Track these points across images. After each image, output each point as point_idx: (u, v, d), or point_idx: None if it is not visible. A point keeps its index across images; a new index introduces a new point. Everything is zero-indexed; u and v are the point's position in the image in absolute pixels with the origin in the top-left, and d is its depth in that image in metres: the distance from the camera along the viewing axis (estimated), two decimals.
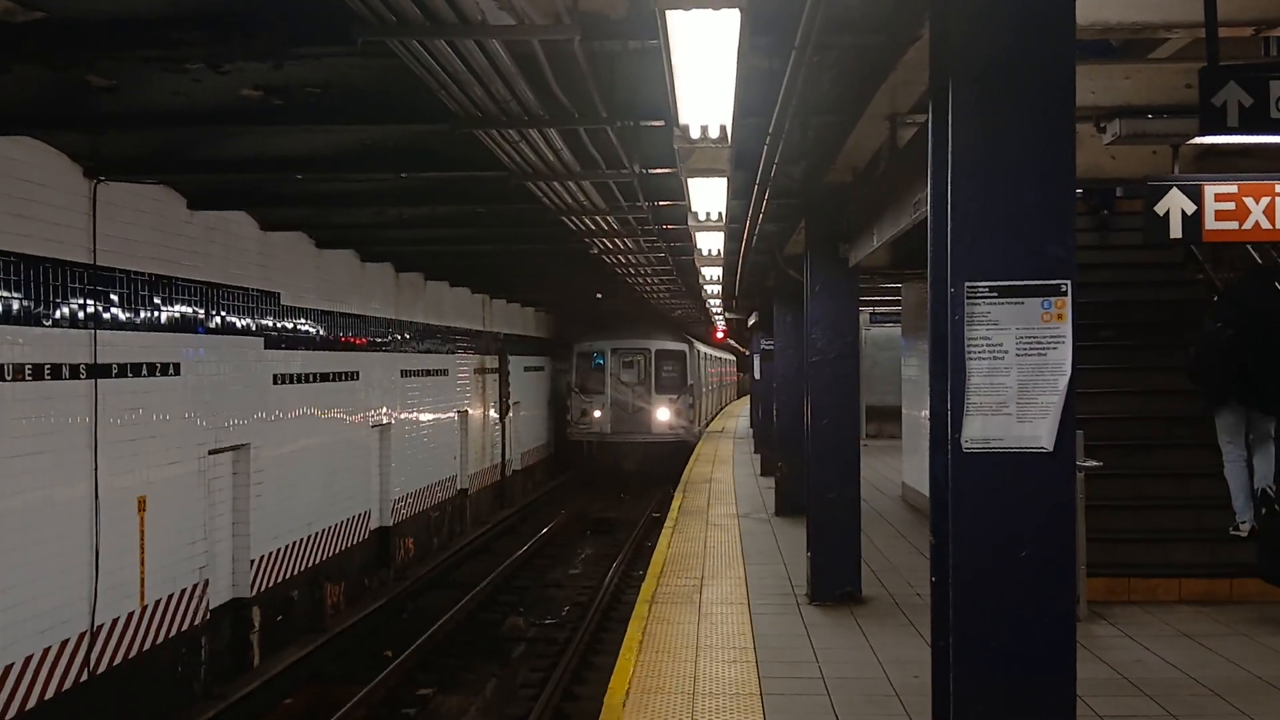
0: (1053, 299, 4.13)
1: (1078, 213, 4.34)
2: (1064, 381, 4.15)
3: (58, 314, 9.30)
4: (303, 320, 14.48)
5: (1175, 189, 7.12)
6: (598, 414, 30.86)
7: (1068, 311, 4.14)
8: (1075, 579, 5.97)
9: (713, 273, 17.11)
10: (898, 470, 18.82)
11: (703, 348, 37.74)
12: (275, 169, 10.27)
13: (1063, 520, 4.21)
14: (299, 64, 7.19)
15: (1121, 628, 8.87)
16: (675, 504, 17.27)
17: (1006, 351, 4.14)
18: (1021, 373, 4.15)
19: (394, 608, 16.22)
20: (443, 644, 14.16)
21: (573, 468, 33.17)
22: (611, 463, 31.14)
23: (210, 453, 11.99)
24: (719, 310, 27.45)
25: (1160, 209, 7.22)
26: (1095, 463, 8.83)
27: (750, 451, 26.96)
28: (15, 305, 8.77)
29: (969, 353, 4.17)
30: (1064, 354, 4.15)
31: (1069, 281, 4.15)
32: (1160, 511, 10.33)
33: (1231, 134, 5.85)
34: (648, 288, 22.75)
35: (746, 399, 62.85)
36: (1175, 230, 7.29)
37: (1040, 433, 4.15)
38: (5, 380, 8.60)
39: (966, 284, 4.16)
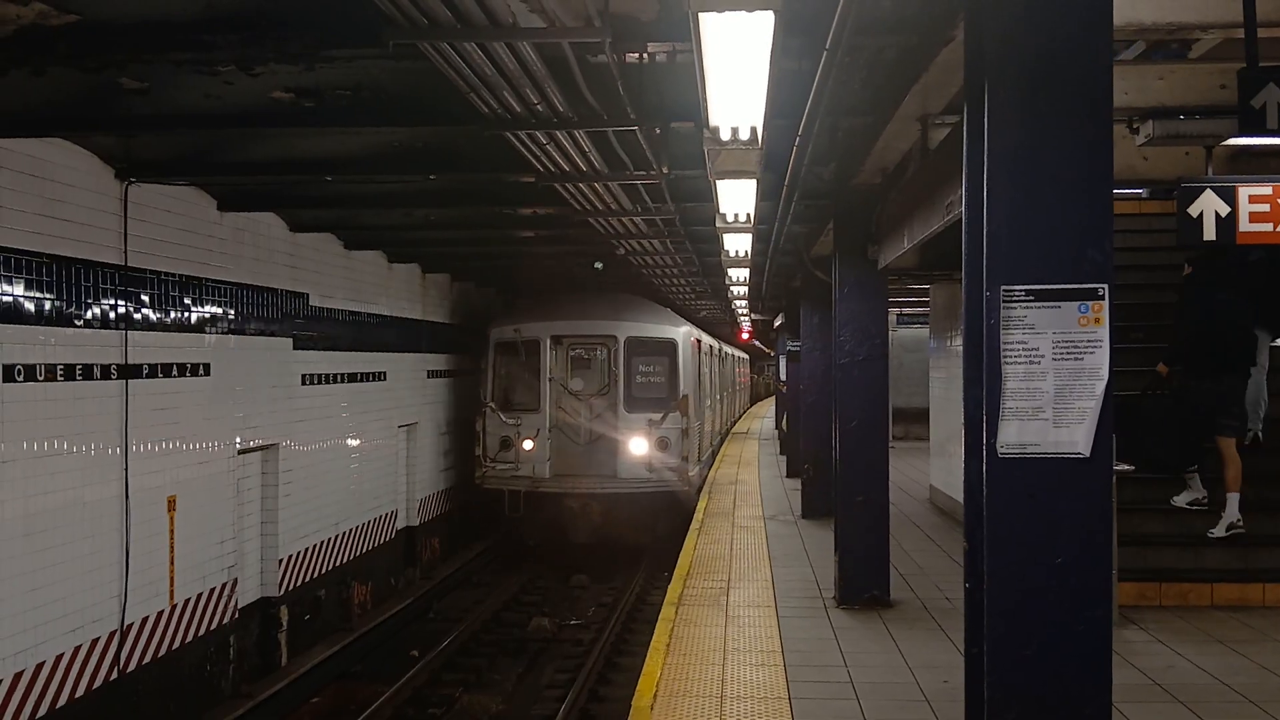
0: (1090, 303, 4.09)
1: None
2: (1101, 386, 4.11)
3: (89, 314, 9.36)
4: (330, 321, 14.52)
5: (1209, 190, 7.05)
6: (528, 446, 18.10)
7: (1105, 315, 4.10)
8: (1112, 587, 5.93)
9: (739, 274, 17.08)
10: (925, 472, 18.73)
11: (707, 339, 24.13)
12: (305, 171, 10.31)
13: (1099, 527, 4.16)
14: (330, 66, 7.21)
15: (1153, 633, 8.79)
16: (701, 505, 17.24)
17: (1043, 356, 4.10)
18: (1058, 377, 4.11)
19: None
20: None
21: (489, 535, 20.18)
22: (551, 529, 18.37)
23: (239, 452, 12.05)
24: (745, 311, 27.34)
25: (1194, 211, 7.15)
26: (1128, 466, 8.75)
27: (775, 453, 26.89)
28: (48, 306, 8.83)
29: (1005, 357, 4.13)
30: (1101, 358, 4.11)
31: (1107, 285, 4.11)
32: (1192, 515, 10.21)
33: (1271, 135, 5.79)
34: (674, 288, 22.72)
35: (760, 405, 62.03)
36: (1209, 232, 7.22)
37: (1077, 438, 4.10)
38: (38, 380, 8.66)
39: (1003, 287, 4.12)
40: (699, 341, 21.36)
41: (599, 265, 18.81)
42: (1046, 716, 4.18)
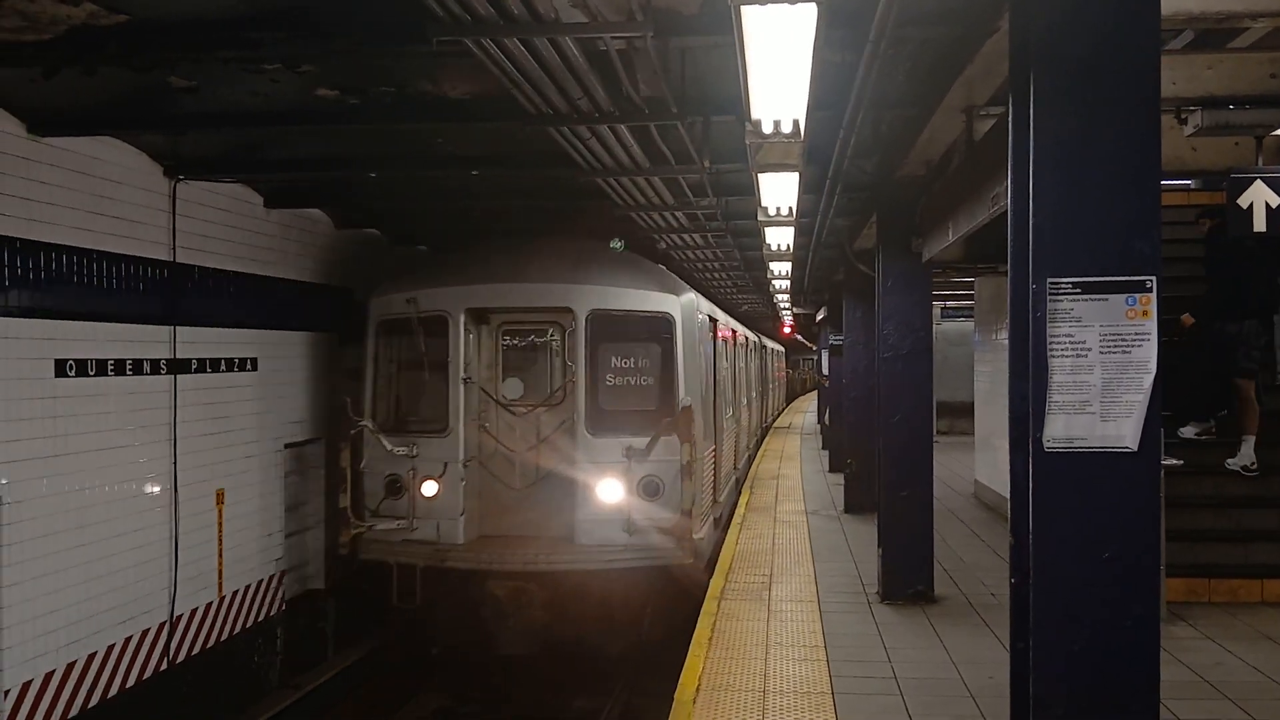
0: (1138, 295, 4.05)
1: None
2: (1149, 380, 4.07)
3: (139, 310, 9.50)
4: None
5: (1259, 181, 6.97)
6: (430, 491, 11.22)
7: (1153, 308, 4.06)
8: (1160, 583, 5.87)
9: (781, 268, 17.01)
10: (970, 467, 18.58)
11: (722, 317, 16.50)
12: (350, 167, 10.40)
13: (1147, 522, 4.12)
14: (375, 63, 7.27)
15: (1201, 629, 8.68)
16: (743, 500, 17.20)
17: (1090, 349, 4.06)
18: (1105, 371, 4.07)
19: None
20: None
21: (364, 636, 13.03)
22: (466, 631, 11.03)
23: (286, 446, 12.18)
24: (786, 305, 27.23)
25: (1244, 201, 7.06)
26: (1176, 461, 8.66)
27: (818, 447, 26.80)
28: (99, 302, 8.97)
29: (1051, 350, 4.10)
30: (1149, 351, 4.07)
31: (1155, 278, 4.06)
32: (1242, 510, 10.09)
33: None
34: (714, 282, 22.66)
35: (800, 402, 61.04)
36: (1259, 223, 7.13)
37: (1125, 432, 4.07)
38: (89, 375, 8.81)
39: (1049, 280, 4.09)
40: (714, 322, 14.18)
41: (619, 243, 13.61)
42: (1093, 712, 4.15)
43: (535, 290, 11.33)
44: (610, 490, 10.92)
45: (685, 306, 11.60)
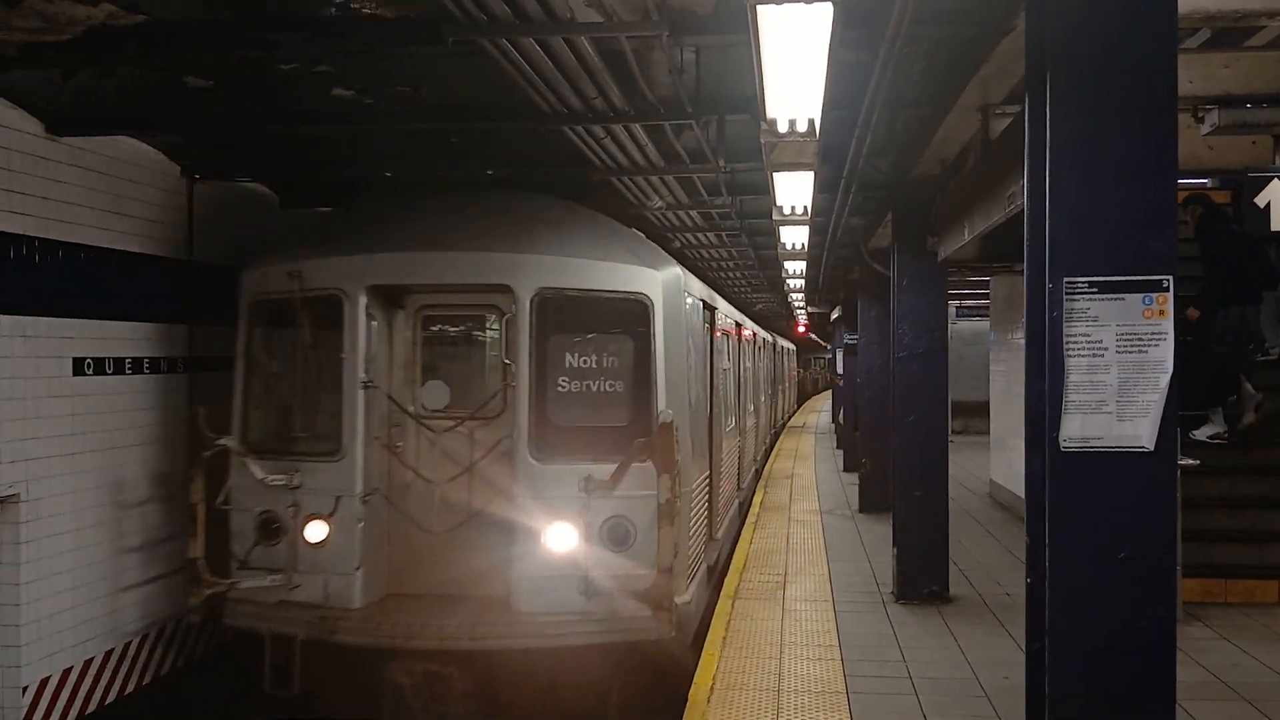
0: (1154, 295, 4.04)
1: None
2: (1165, 379, 4.06)
3: (156, 309, 9.53)
4: None
5: (1276, 180, 6.93)
6: (317, 536, 8.18)
7: (1170, 307, 4.05)
8: (1177, 583, 5.86)
9: (795, 267, 17.00)
10: (985, 467, 18.55)
11: (724, 306, 13.50)
12: (366, 166, 10.42)
13: (1164, 521, 4.12)
14: (391, 63, 7.29)
15: (1218, 630, 8.65)
16: (757, 500, 17.20)
17: (1106, 348, 4.06)
18: (1122, 370, 4.06)
19: None
20: None
21: None
22: None
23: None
24: (801, 304, 27.22)
25: (1261, 200, 7.03)
26: (1192, 461, 8.63)
27: (832, 447, 26.77)
28: (117, 300, 9.01)
29: (1068, 349, 4.09)
30: (1165, 351, 4.06)
31: (1171, 277, 4.06)
32: (1257, 511, 10.05)
33: None
34: (729, 281, 22.66)
35: (815, 400, 60.12)
36: (1276, 222, 7.10)
37: (1141, 432, 4.06)
38: (107, 374, 8.85)
39: (1066, 279, 4.09)
40: (712, 311, 11.30)
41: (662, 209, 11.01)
42: (1110, 713, 4.14)
43: (463, 262, 8.24)
44: (562, 537, 7.79)
45: (668, 286, 8.44)
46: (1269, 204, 7.40)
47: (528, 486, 7.95)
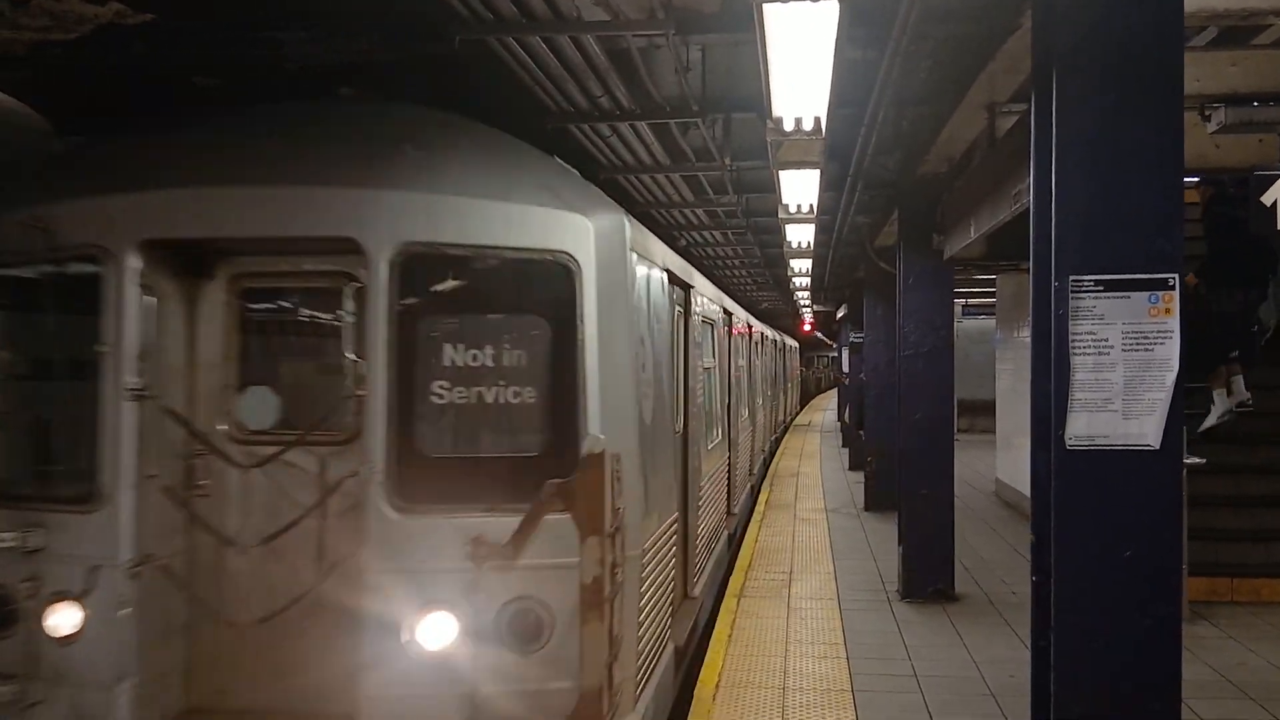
0: (1160, 293, 4.04)
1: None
2: (1171, 378, 4.06)
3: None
4: None
5: None
6: (66, 626, 5.11)
7: (1176, 305, 4.05)
8: (1182, 581, 5.86)
9: (801, 265, 17.01)
10: (991, 465, 18.54)
11: (703, 285, 9.60)
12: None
13: (1169, 520, 4.12)
14: (397, 62, 7.29)
15: (1224, 629, 8.65)
16: (762, 498, 17.21)
17: (1112, 347, 4.06)
18: (1128, 368, 4.06)
19: None
20: None
21: None
22: None
23: None
24: (807, 302, 27.21)
25: (1268, 199, 7.02)
26: (1198, 459, 8.62)
27: (838, 445, 26.77)
28: None
29: (1074, 348, 4.09)
30: (1172, 349, 4.06)
31: (1177, 275, 4.06)
32: (1264, 510, 10.04)
33: None
34: (734, 279, 22.66)
35: (821, 399, 59.13)
36: None
37: (1147, 430, 4.06)
38: None
39: (1071, 278, 4.09)
40: (688, 290, 8.60)
41: None
42: (1115, 712, 4.15)
43: (286, 202, 5.26)
44: (436, 632, 5.05)
45: (605, 241, 5.45)
46: (1275, 202, 7.37)
47: (383, 551, 5.05)
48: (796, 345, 39.04)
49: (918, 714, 6.88)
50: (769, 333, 22.90)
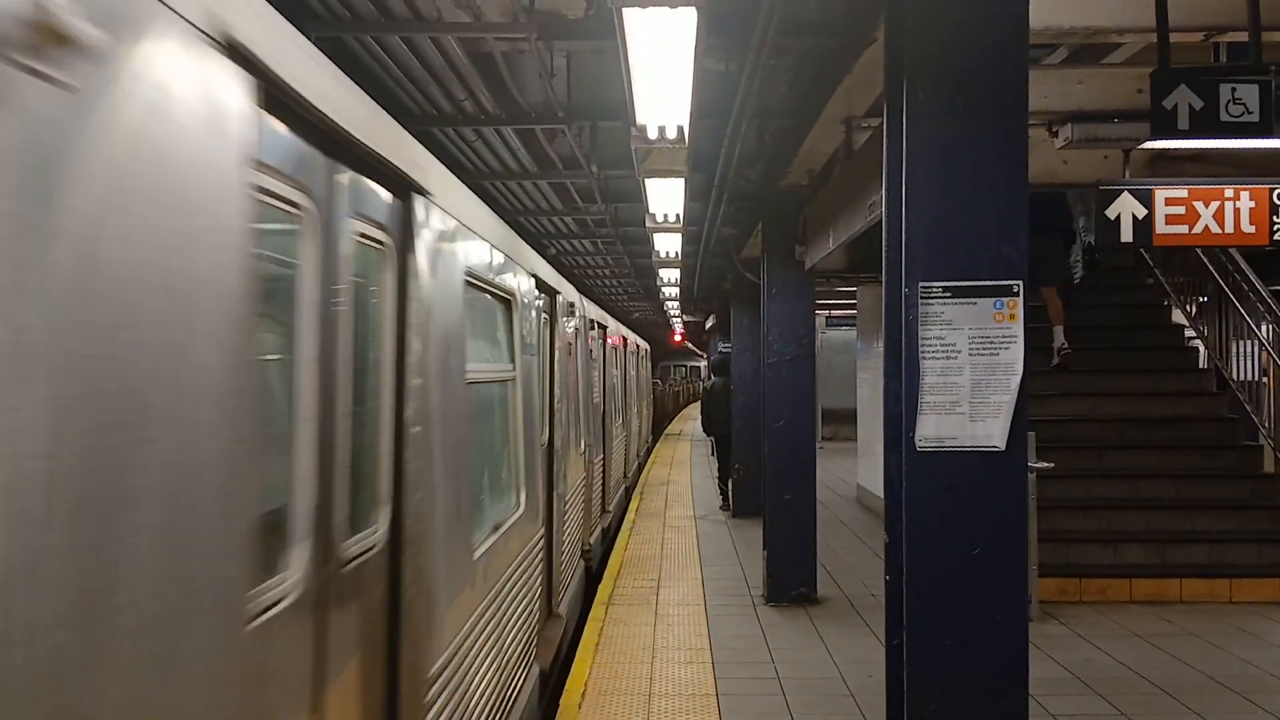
0: (1005, 299, 4.17)
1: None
2: (1016, 381, 4.19)
3: None
4: None
5: (1126, 193, 7.21)
6: None
7: (1019, 312, 4.19)
8: (1027, 578, 6.05)
9: (671, 275, 17.13)
10: (853, 472, 18.90)
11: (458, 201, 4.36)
12: None
13: (1015, 519, 4.25)
14: None
15: (1073, 627, 8.96)
16: (633, 506, 17.25)
17: (959, 351, 4.17)
18: (974, 372, 4.18)
19: None
20: None
21: None
22: None
23: None
24: (677, 313, 27.41)
25: (1111, 213, 7.30)
26: (1047, 464, 8.93)
27: (708, 454, 26.99)
28: None
29: (923, 352, 4.20)
30: (1016, 354, 4.19)
31: (1020, 282, 4.19)
32: (1111, 512, 10.45)
33: (1182, 137, 5.93)
34: (606, 289, 22.72)
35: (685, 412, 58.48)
36: (1126, 234, 7.37)
37: (993, 432, 4.18)
38: None
39: (920, 284, 4.19)
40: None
41: None
42: (965, 707, 4.25)
43: None
44: None
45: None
46: (1119, 216, 7.68)
47: None
48: (645, 345, 33.70)
49: (780, 716, 6.95)
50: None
